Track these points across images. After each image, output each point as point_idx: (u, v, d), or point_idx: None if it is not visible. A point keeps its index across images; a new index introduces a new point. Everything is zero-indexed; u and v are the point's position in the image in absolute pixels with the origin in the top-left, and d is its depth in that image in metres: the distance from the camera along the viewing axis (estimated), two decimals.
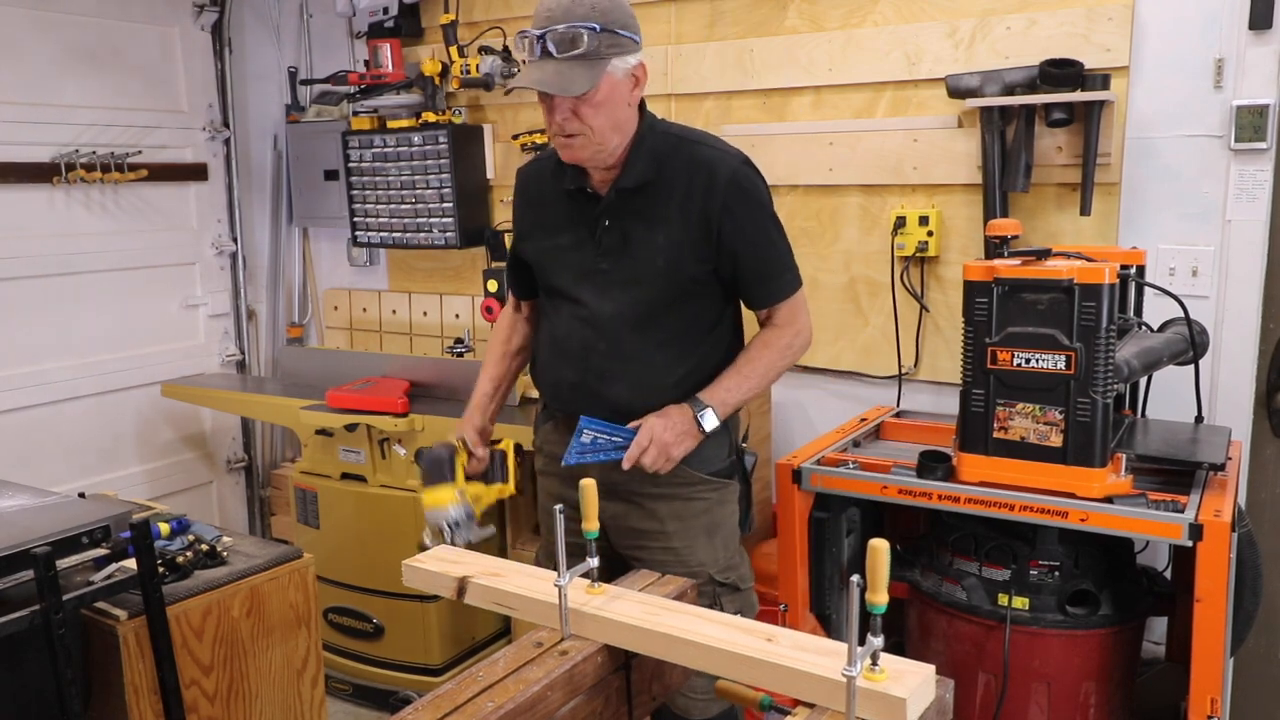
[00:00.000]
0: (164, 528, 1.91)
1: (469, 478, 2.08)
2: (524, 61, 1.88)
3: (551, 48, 1.80)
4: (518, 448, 2.17)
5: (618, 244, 1.96)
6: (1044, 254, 2.20)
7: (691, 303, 1.99)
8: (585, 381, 2.01)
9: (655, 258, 1.94)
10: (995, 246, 2.34)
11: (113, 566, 1.73)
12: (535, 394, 2.25)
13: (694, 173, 1.93)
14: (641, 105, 1.97)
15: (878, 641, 1.15)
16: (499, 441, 2.18)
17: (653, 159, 1.94)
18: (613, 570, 1.83)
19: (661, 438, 1.88)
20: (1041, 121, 2.70)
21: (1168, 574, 2.54)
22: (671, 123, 2.04)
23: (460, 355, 3.65)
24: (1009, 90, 2.71)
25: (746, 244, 1.96)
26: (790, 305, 2.03)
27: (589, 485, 1.45)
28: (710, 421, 1.93)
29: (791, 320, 2.03)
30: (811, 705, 1.22)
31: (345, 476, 3.30)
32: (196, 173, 4.05)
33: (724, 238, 1.94)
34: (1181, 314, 2.32)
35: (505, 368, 2.25)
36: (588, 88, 1.81)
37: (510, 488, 2.14)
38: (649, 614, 1.40)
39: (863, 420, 2.84)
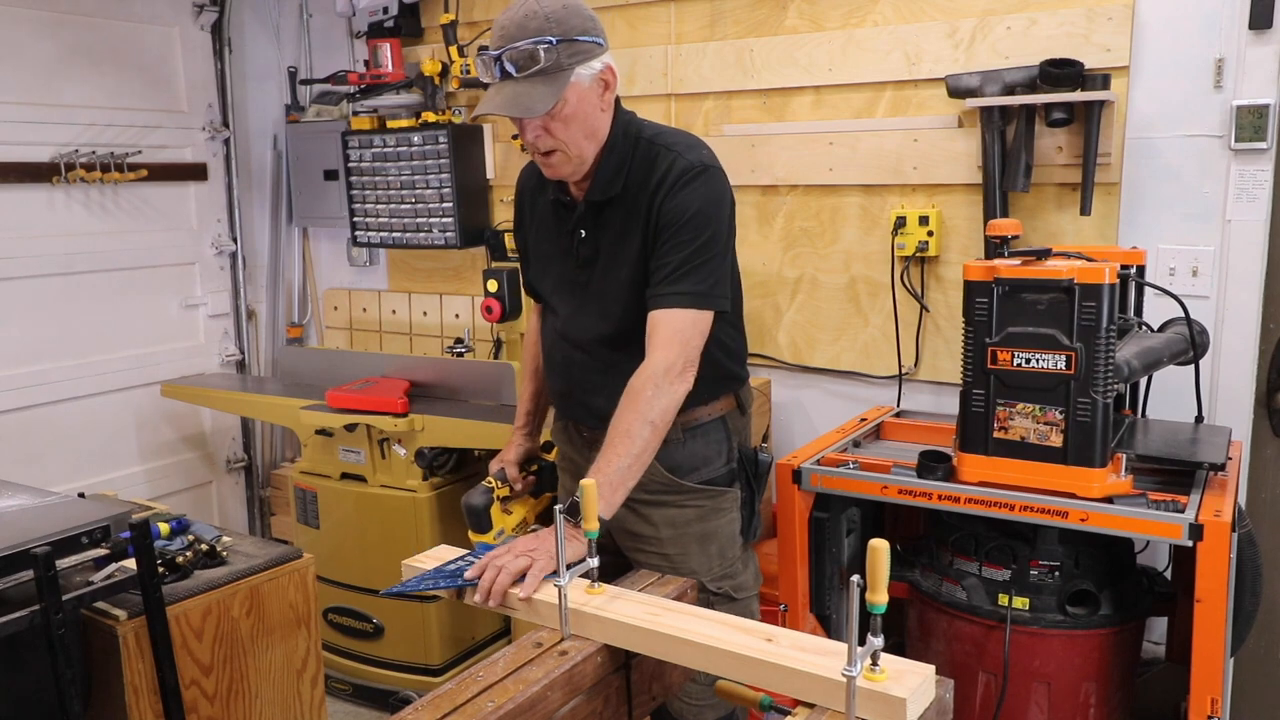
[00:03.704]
0: (164, 528, 1.91)
1: (522, 494, 2.12)
2: (485, 84, 1.81)
3: (510, 68, 1.73)
4: None
5: (591, 256, 1.93)
6: (1044, 254, 2.20)
7: None
8: (570, 392, 2.02)
9: (622, 269, 1.89)
10: (995, 246, 2.34)
11: (112, 566, 1.73)
12: None
13: (651, 177, 1.86)
14: (616, 105, 1.90)
15: (878, 641, 1.15)
16: (551, 448, 2.20)
17: (620, 169, 1.88)
18: (619, 569, 1.84)
19: (496, 561, 1.59)
20: (1041, 121, 2.70)
21: (1168, 574, 2.54)
22: (647, 123, 1.95)
23: (460, 355, 3.65)
24: (1009, 90, 2.71)
25: (657, 242, 1.83)
26: (667, 324, 1.79)
27: (589, 486, 1.45)
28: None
29: (665, 345, 1.78)
30: (811, 705, 1.22)
31: (345, 476, 3.30)
32: (196, 173, 4.05)
33: (649, 235, 1.85)
34: (1181, 314, 2.32)
35: (539, 384, 2.22)
36: (550, 105, 1.74)
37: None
38: (649, 614, 1.40)
39: (863, 420, 2.84)
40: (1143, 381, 2.50)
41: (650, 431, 1.74)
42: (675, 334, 1.79)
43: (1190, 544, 1.99)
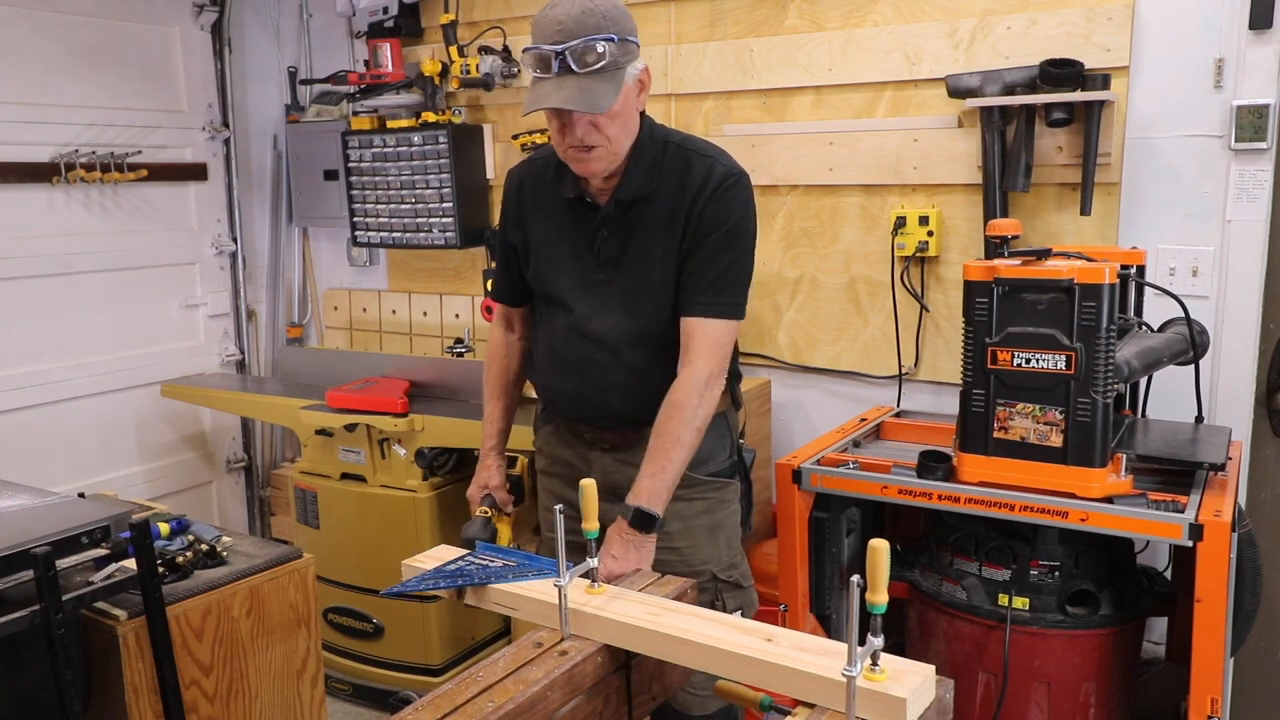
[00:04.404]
0: (164, 528, 1.91)
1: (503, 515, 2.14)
2: (534, 78, 1.81)
3: (572, 63, 1.74)
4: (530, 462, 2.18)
5: (615, 255, 1.94)
6: (1044, 254, 2.20)
7: None
8: (584, 392, 2.01)
9: (651, 270, 1.91)
10: (995, 246, 2.34)
11: (113, 566, 1.72)
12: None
13: (687, 182, 1.89)
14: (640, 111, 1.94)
15: (878, 641, 1.15)
16: (514, 463, 2.19)
17: (652, 170, 1.90)
18: None
19: (610, 570, 1.74)
20: (1041, 121, 2.70)
21: (1168, 574, 2.54)
22: (670, 129, 1.99)
23: (460, 355, 3.65)
24: (1009, 90, 2.71)
25: (696, 248, 1.88)
26: (705, 333, 1.86)
27: (589, 485, 1.45)
28: (651, 519, 1.79)
29: (705, 355, 1.85)
30: (811, 705, 1.22)
31: (345, 476, 3.30)
32: (196, 173, 4.05)
33: (686, 239, 1.89)
34: (1181, 314, 2.32)
35: (509, 400, 2.22)
36: (614, 101, 1.77)
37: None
38: (649, 614, 1.40)
39: (863, 420, 2.84)
40: (1143, 381, 2.50)
41: (696, 437, 1.85)
42: (714, 344, 1.88)
43: (1190, 544, 1.99)
